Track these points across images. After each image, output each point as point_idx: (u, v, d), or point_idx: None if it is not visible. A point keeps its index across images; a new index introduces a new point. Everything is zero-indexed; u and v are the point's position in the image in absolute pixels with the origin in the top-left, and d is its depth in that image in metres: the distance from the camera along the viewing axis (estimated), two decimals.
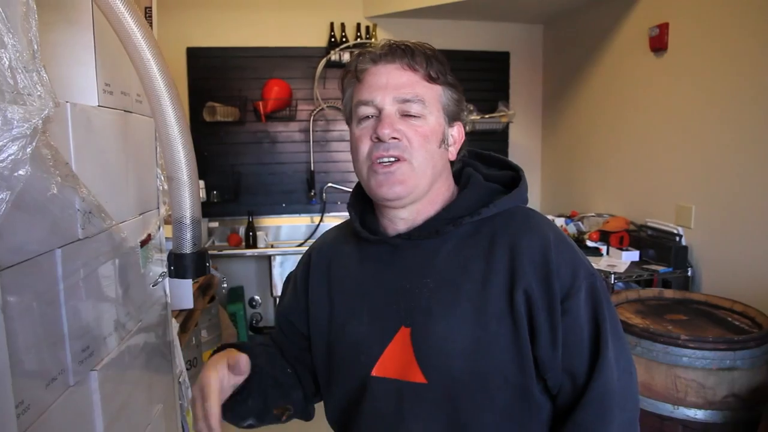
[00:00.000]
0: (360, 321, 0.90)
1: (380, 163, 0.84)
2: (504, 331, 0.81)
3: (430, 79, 0.86)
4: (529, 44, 3.97)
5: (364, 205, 0.98)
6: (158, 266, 1.62)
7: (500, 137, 3.94)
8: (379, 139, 0.83)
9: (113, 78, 1.37)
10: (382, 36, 3.71)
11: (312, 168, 3.81)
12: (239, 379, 0.85)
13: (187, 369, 2.35)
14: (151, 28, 1.75)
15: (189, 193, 1.10)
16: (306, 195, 3.82)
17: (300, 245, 3.72)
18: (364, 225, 0.95)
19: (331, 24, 3.63)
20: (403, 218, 0.90)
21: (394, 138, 0.83)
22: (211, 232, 3.74)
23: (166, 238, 2.29)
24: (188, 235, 1.11)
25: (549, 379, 0.82)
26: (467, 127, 1.23)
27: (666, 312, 2.10)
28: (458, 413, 0.82)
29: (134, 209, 1.52)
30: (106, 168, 1.31)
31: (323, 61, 3.62)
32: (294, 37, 3.69)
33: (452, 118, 0.90)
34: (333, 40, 3.63)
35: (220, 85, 3.65)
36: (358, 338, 0.90)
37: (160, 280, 1.14)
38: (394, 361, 0.85)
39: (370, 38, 3.64)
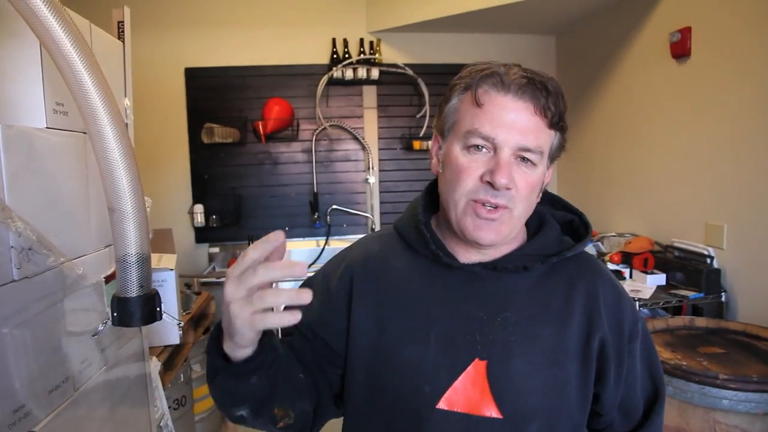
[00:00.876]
0: (424, 346, 0.83)
1: (483, 205, 0.79)
2: (576, 372, 0.82)
3: (552, 125, 0.80)
4: (541, 56, 3.80)
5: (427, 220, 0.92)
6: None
7: None
8: (491, 184, 0.77)
9: (63, 98, 1.23)
10: (386, 52, 3.57)
11: (315, 189, 3.66)
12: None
13: (174, 409, 2.18)
14: (123, 43, 1.62)
15: (134, 226, 0.94)
16: (309, 218, 3.66)
17: None
18: (429, 247, 0.87)
19: (333, 40, 3.50)
20: (469, 249, 0.87)
21: (508, 188, 0.78)
22: (211, 257, 3.59)
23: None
24: (134, 275, 0.95)
25: (605, 415, 0.87)
26: None
27: (699, 344, 1.88)
28: None
29: (97, 241, 1.37)
30: (56, 197, 1.16)
31: (324, 79, 3.49)
32: (295, 55, 3.57)
33: (552, 160, 0.85)
34: (335, 56, 3.50)
35: (220, 105, 3.53)
36: (419, 365, 0.82)
37: (100, 328, 0.97)
38: (467, 394, 0.80)
39: (374, 53, 3.50)
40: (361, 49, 3.50)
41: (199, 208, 3.46)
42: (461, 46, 3.69)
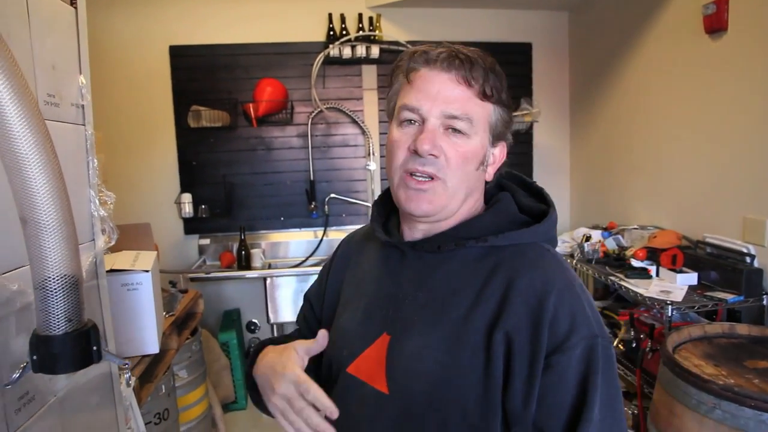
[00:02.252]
0: (353, 316, 0.91)
1: (413, 176, 0.81)
2: (474, 367, 0.76)
3: (484, 97, 0.81)
4: (553, 34, 3.53)
5: (393, 205, 0.94)
6: (89, 311, 1.26)
7: (524, 138, 3.51)
8: (417, 152, 0.80)
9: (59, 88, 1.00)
10: (386, 28, 3.31)
11: (312, 177, 3.41)
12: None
13: (155, 424, 1.96)
14: (75, 9, 1.37)
15: (56, 241, 0.71)
16: (306, 207, 3.42)
17: (300, 263, 3.33)
18: (387, 226, 0.95)
19: (330, 16, 3.23)
20: (421, 229, 0.88)
21: (432, 155, 0.79)
22: (202, 249, 3.36)
23: (108, 271, 1.89)
24: (58, 306, 0.73)
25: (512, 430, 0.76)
26: None
27: (744, 356, 1.66)
28: None
29: None
30: None
31: (320, 57, 3.23)
32: (288, 32, 3.30)
33: (497, 137, 0.86)
34: (332, 33, 3.24)
35: (208, 86, 3.27)
36: (346, 332, 0.91)
37: (14, 377, 0.75)
38: (369, 364, 0.85)
39: (373, 30, 3.24)
40: (360, 26, 3.23)
41: (186, 197, 3.23)
42: (467, 23, 3.42)
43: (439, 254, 0.84)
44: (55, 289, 0.71)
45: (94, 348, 0.73)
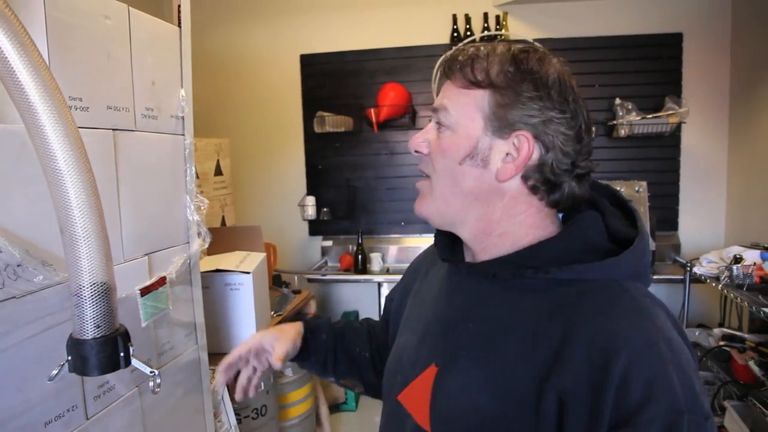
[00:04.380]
0: (410, 338, 0.85)
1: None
2: (521, 423, 0.63)
3: (470, 84, 0.72)
4: (710, 20, 3.09)
5: None
6: (183, 308, 1.43)
7: (669, 142, 3.12)
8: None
9: (82, 91, 1.10)
10: (513, 26, 3.15)
11: None
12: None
13: (253, 418, 2.07)
14: (179, 27, 1.47)
15: (88, 252, 0.75)
16: None
17: None
18: (454, 245, 0.85)
19: (454, 17, 3.16)
20: (468, 248, 0.80)
21: (417, 151, 0.78)
22: (324, 251, 3.50)
23: (214, 271, 2.01)
24: (88, 312, 0.76)
25: None
26: (623, 131, 1.59)
27: None
28: None
29: (133, 250, 1.24)
30: None
31: (441, 60, 3.16)
32: (414, 36, 3.30)
33: (506, 126, 0.70)
34: (456, 35, 3.17)
35: (335, 92, 3.40)
36: (401, 355, 0.86)
37: (55, 372, 0.81)
38: (416, 394, 0.78)
39: (500, 29, 3.10)
40: (485, 25, 3.11)
41: (310, 200, 3.38)
42: (606, 15, 3.14)
43: (496, 282, 0.73)
44: (85, 296, 0.75)
45: (122, 354, 0.76)
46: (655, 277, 2.84)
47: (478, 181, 0.73)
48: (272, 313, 2.21)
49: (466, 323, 0.75)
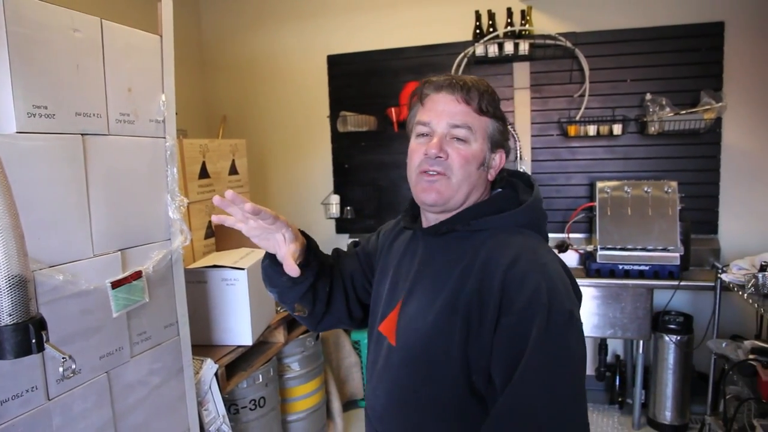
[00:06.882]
0: (385, 285, 1.14)
1: (426, 173, 1.01)
2: (453, 325, 0.95)
3: (480, 112, 1.01)
4: (758, 7, 2.87)
5: None
6: (164, 301, 1.54)
7: (707, 139, 2.94)
8: (428, 155, 1.00)
9: (47, 99, 1.18)
10: (538, 21, 3.07)
11: None
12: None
13: (250, 409, 2.14)
14: (160, 37, 1.56)
15: (4, 248, 0.82)
16: None
17: None
18: (418, 218, 1.14)
19: (477, 13, 3.12)
20: (432, 218, 1.08)
21: (439, 156, 0.99)
22: None
23: (212, 266, 2.09)
24: (5, 302, 0.84)
25: (475, 381, 0.94)
26: (653, 128, 1.98)
27: None
28: (411, 378, 1.01)
29: (103, 245, 1.33)
30: (29, 203, 1.12)
31: (461, 57, 3.13)
32: (438, 34, 3.27)
33: (496, 145, 1.05)
34: (479, 31, 3.12)
35: (361, 92, 3.43)
36: (380, 297, 1.15)
37: None
38: (389, 323, 1.07)
39: (525, 24, 3.03)
40: (508, 21, 3.05)
41: (335, 198, 3.43)
42: (637, 6, 2.99)
43: (440, 237, 1.05)
44: (2, 287, 0.82)
45: (33, 341, 0.83)
46: (682, 283, 2.67)
47: (480, 180, 1.04)
48: (277, 308, 2.28)
49: (422, 269, 1.06)
